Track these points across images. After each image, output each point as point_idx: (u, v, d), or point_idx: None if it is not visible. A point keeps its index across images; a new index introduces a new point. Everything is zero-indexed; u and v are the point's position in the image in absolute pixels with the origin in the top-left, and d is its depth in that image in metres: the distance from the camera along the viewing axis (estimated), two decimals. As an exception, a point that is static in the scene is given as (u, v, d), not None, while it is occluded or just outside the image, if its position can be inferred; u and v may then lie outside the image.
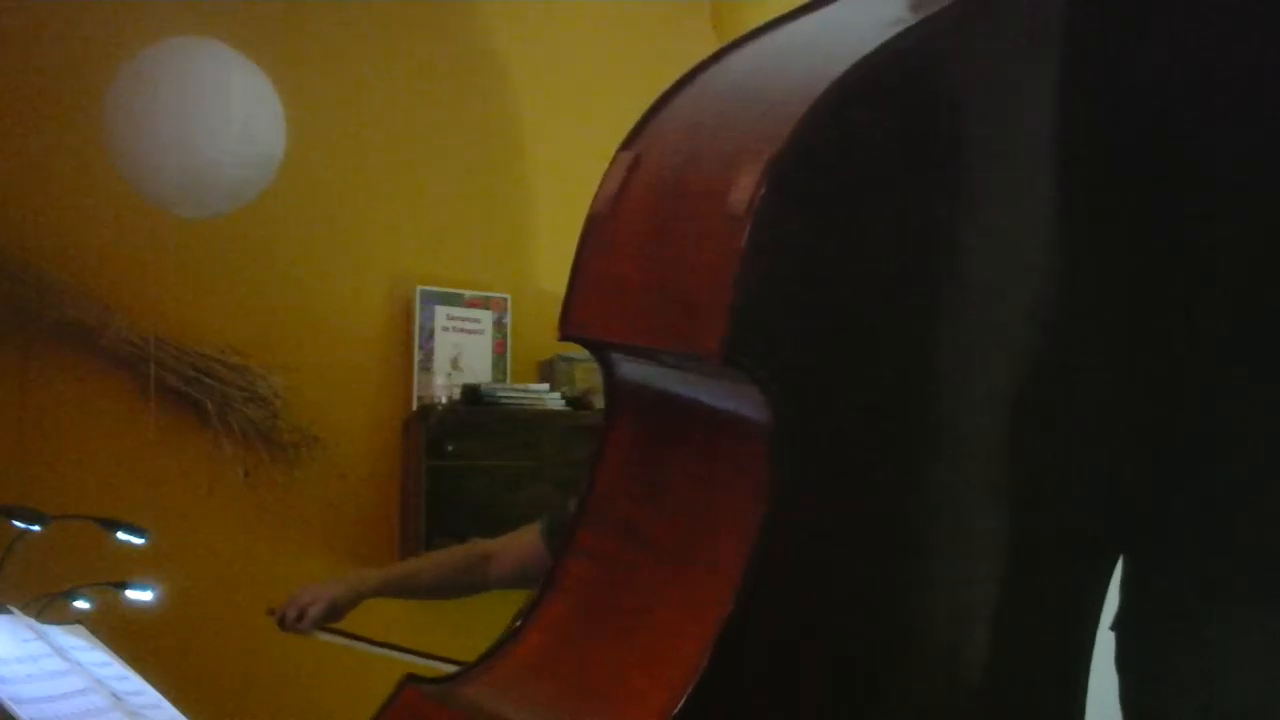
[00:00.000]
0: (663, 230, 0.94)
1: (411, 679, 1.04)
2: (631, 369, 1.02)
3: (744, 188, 0.86)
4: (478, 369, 3.88)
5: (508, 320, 3.94)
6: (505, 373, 3.91)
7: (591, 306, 0.99)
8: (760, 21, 1.05)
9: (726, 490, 0.95)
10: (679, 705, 0.88)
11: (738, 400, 0.93)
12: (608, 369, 1.03)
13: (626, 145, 0.99)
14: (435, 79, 3.99)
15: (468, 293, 3.92)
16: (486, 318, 3.93)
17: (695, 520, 0.97)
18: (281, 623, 2.65)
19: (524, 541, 2.63)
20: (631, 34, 4.14)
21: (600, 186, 0.99)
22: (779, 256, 0.89)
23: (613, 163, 0.99)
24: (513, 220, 4.04)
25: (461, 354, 3.88)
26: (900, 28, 0.94)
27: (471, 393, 3.68)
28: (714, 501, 0.96)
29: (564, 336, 1.01)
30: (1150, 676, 1.14)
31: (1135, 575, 1.16)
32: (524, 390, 3.73)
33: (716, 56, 1.01)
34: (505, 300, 3.94)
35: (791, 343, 0.93)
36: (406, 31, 3.96)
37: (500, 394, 3.71)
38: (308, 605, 2.62)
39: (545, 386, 3.76)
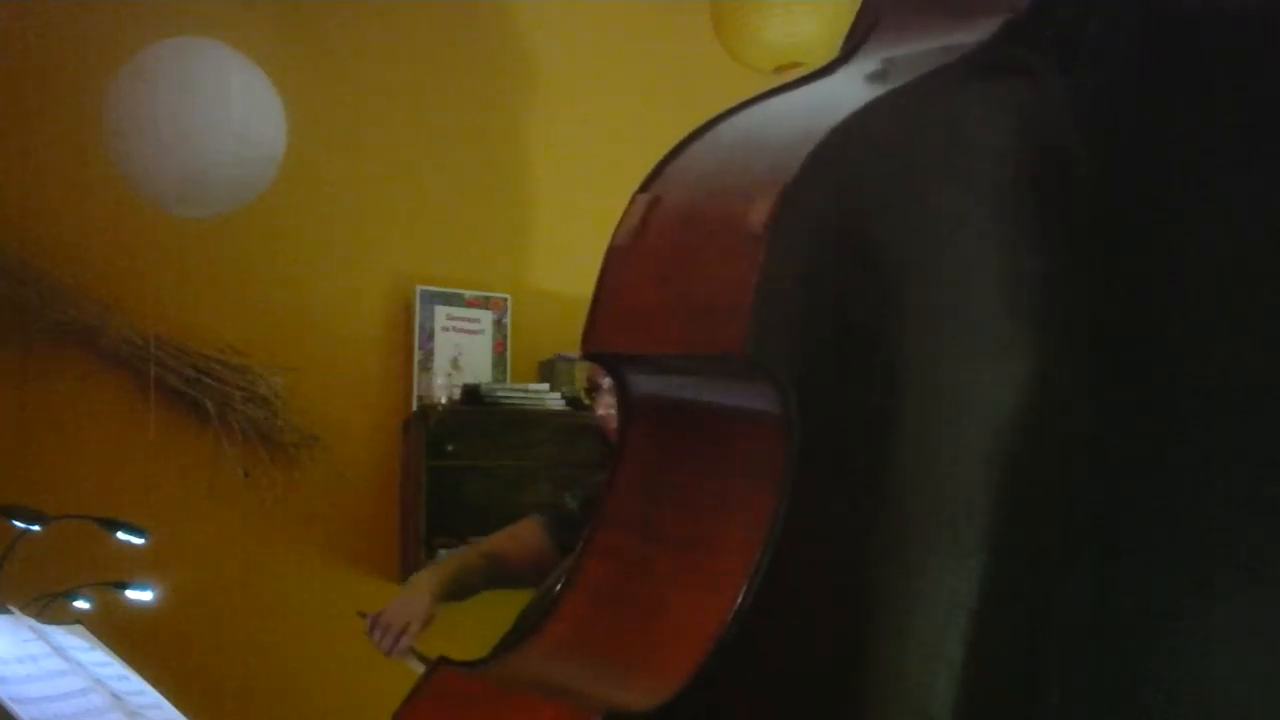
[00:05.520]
0: (684, 256, 1.08)
1: (445, 661, 1.15)
2: (646, 381, 1.14)
3: (761, 210, 1.01)
4: (478, 369, 3.88)
5: (508, 320, 3.94)
6: (505, 373, 3.91)
7: (614, 324, 1.10)
8: (759, 23, 1.13)
9: (740, 483, 1.06)
10: (688, 678, 0.98)
11: (752, 399, 1.05)
12: (622, 384, 1.15)
13: (644, 188, 1.13)
14: (435, 79, 3.99)
15: (468, 293, 3.92)
16: (486, 318, 3.93)
17: (709, 514, 1.08)
18: (379, 645, 2.49)
19: (528, 540, 2.64)
20: (631, 35, 4.14)
21: (620, 223, 1.12)
22: (792, 268, 1.03)
23: (631, 203, 1.12)
24: (513, 220, 4.05)
25: (461, 354, 3.89)
26: (882, 89, 1.12)
27: (471, 393, 3.69)
28: (728, 495, 1.07)
29: (586, 354, 1.13)
30: (1138, 681, 1.15)
31: (1084, 578, 1.18)
32: (524, 390, 3.74)
33: (719, 118, 1.16)
34: (505, 300, 3.94)
35: (803, 344, 1.05)
36: (406, 32, 3.96)
37: (500, 394, 3.71)
38: (405, 625, 2.47)
39: (545, 386, 3.77)
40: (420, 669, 2.54)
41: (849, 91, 1.14)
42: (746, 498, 1.04)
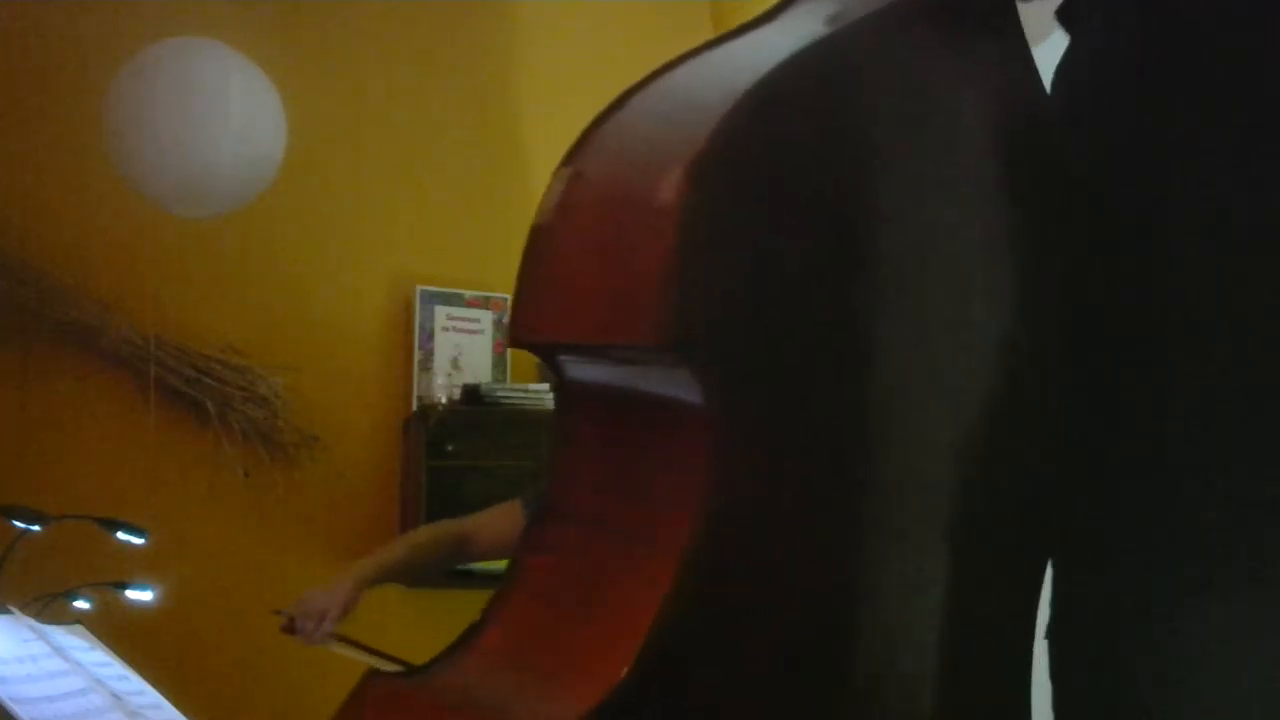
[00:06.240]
0: (603, 236, 0.99)
1: (375, 673, 1.08)
2: (581, 369, 1.05)
3: (670, 187, 0.91)
4: (478, 369, 3.88)
5: (508, 320, 3.94)
6: (505, 373, 3.91)
7: (539, 311, 1.02)
8: (759, 22, 1.09)
9: (672, 473, 0.98)
10: (622, 678, 0.91)
11: (677, 388, 0.96)
12: (558, 371, 1.06)
13: (566, 162, 1.03)
14: (435, 79, 3.99)
15: (468, 293, 3.92)
16: (486, 318, 3.93)
17: (645, 504, 1.00)
18: (293, 631, 2.58)
19: (509, 524, 2.66)
20: (631, 35, 4.14)
21: (542, 201, 1.03)
22: (708, 250, 0.93)
23: (553, 178, 1.03)
24: (513, 220, 4.04)
25: (461, 354, 3.89)
26: (813, 39, 1.00)
27: (471, 393, 3.68)
28: (662, 485, 0.99)
29: (514, 343, 1.05)
30: (1121, 679, 1.15)
31: (1083, 578, 1.18)
32: (524, 390, 3.73)
33: (648, 79, 1.05)
34: (505, 300, 3.94)
35: (725, 331, 0.96)
36: (406, 31, 3.96)
37: (500, 394, 3.71)
38: (324, 611, 2.54)
39: (545, 386, 3.76)
40: (352, 654, 2.57)
41: (785, 39, 1.02)
42: (679, 490, 0.96)
